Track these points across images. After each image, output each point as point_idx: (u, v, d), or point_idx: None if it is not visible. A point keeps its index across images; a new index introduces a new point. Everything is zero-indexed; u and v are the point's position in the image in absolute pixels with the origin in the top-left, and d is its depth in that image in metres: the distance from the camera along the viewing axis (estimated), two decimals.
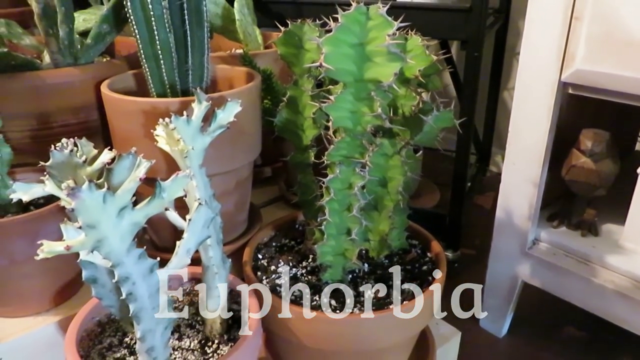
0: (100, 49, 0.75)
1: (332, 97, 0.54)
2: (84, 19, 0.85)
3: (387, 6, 0.50)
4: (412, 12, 1.00)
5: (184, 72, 0.67)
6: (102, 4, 0.94)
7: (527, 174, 0.88)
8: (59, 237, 0.42)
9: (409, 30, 0.64)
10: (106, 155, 0.50)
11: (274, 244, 0.76)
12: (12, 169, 0.66)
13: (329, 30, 0.51)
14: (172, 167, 0.56)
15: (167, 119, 0.53)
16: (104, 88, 0.66)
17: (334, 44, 0.51)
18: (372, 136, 0.60)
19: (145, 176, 0.41)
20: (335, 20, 0.51)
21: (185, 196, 0.53)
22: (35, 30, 0.98)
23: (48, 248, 0.37)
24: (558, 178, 0.92)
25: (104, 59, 0.87)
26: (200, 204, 0.47)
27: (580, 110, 0.92)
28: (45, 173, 0.47)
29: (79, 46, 0.73)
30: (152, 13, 0.62)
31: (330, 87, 0.57)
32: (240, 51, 0.98)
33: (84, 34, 0.78)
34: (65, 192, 0.37)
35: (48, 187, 0.45)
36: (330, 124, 0.56)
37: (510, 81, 1.64)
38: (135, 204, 0.41)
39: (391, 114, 0.61)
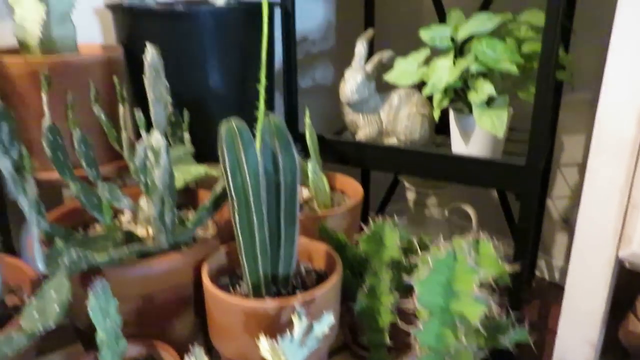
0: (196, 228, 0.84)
1: (420, 324, 0.61)
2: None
3: (472, 258, 0.57)
4: (466, 163, 1.08)
5: (275, 261, 0.75)
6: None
7: (584, 336, 0.92)
8: None
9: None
10: None
11: None
12: None
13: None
14: None
15: (274, 342, 0.60)
16: (205, 280, 0.74)
17: (426, 286, 0.58)
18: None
19: None
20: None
21: None
22: (127, 180, 1.09)
23: None
24: (613, 334, 0.96)
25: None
26: None
27: (637, 275, 0.96)
28: None
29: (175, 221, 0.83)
30: (254, 220, 0.70)
31: (419, 309, 0.64)
32: (307, 194, 1.06)
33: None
34: None
35: None
36: (417, 341, 0.63)
37: (554, 190, 1.69)
38: None
39: None
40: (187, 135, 1.00)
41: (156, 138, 0.69)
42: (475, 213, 1.44)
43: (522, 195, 1.04)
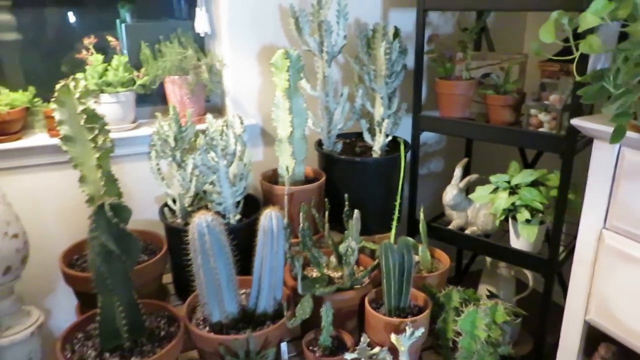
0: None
1: (461, 337, 1.42)
2: None
3: (486, 314, 1.37)
4: (516, 253, 1.84)
5: (398, 300, 1.61)
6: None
7: None
8: None
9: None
10: None
11: None
12: None
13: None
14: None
15: (397, 336, 1.46)
16: (367, 305, 1.62)
17: (464, 321, 1.40)
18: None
19: None
20: None
21: None
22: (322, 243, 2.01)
23: None
24: None
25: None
26: None
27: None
28: None
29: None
30: (392, 281, 1.57)
31: (460, 330, 1.46)
32: (417, 258, 1.90)
33: None
34: None
35: None
36: (460, 345, 1.44)
37: None
38: None
39: None
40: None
41: (353, 244, 1.59)
42: (532, 275, 2.16)
43: (545, 276, 1.78)
